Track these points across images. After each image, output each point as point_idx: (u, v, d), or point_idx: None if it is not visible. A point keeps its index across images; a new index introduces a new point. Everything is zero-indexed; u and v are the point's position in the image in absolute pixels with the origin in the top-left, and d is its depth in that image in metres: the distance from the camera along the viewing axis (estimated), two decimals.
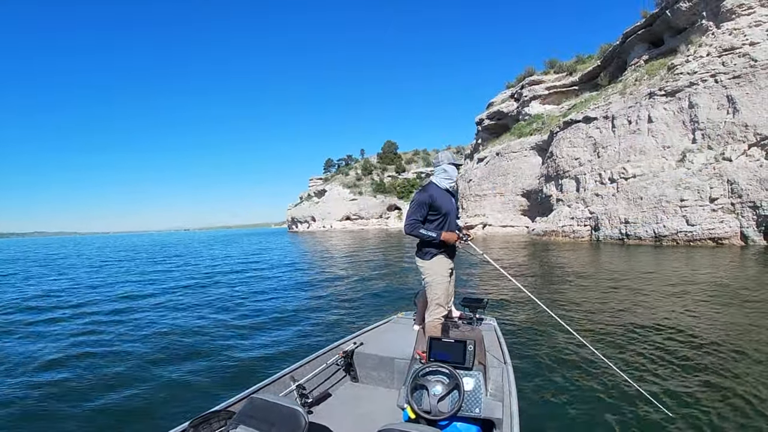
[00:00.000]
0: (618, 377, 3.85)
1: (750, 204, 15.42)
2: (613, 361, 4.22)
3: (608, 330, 5.53)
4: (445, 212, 3.11)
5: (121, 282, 13.56)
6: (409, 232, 3.08)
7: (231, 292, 10.53)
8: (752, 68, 16.91)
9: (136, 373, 4.77)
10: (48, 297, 10.77)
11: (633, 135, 20.67)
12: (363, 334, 3.83)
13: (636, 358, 4.49)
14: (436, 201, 3.07)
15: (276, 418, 1.78)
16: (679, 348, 4.71)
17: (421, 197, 3.08)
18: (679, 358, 4.38)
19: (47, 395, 4.26)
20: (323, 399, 3.08)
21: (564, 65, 34.19)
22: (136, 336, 6.46)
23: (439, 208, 3.07)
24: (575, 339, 3.80)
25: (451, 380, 2.23)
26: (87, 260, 25.52)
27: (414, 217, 3.06)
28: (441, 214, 3.10)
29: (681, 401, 3.44)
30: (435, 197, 3.08)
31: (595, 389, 3.76)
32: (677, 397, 3.52)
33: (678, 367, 4.16)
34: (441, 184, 3.19)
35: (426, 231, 3.04)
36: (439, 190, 3.16)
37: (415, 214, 3.06)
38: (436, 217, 3.09)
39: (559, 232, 22.69)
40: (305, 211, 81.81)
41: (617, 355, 4.52)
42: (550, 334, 5.42)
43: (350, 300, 8.81)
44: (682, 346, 4.76)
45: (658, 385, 3.78)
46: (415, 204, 3.09)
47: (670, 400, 3.44)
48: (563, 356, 4.62)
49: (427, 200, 3.06)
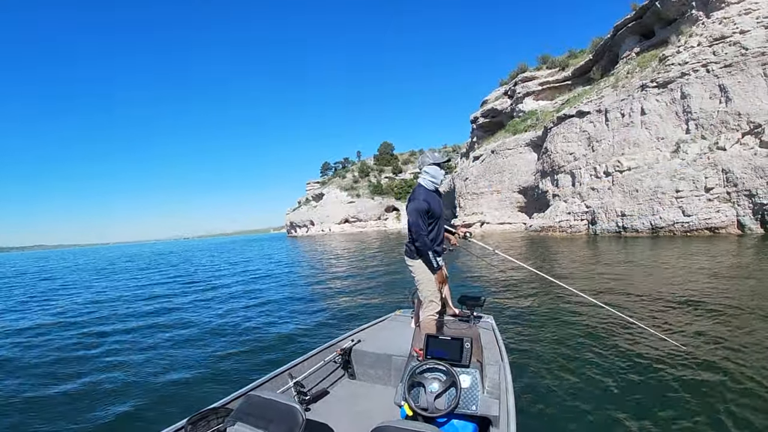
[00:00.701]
0: (616, 374, 3.86)
1: (746, 192, 15.32)
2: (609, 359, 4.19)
3: (606, 327, 5.44)
4: (437, 216, 3.14)
5: (121, 286, 13.49)
6: (427, 249, 3.03)
7: (229, 291, 10.59)
8: (743, 56, 16.85)
9: (134, 372, 4.82)
10: (50, 301, 10.66)
11: (626, 128, 20.60)
12: (361, 331, 3.84)
13: (631, 353, 4.39)
14: (430, 206, 3.07)
15: (273, 414, 1.78)
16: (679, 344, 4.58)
17: (420, 206, 3.03)
18: (680, 355, 4.29)
19: (47, 394, 4.29)
20: (321, 396, 3.07)
21: (556, 60, 34.10)
22: (135, 335, 6.53)
23: (433, 212, 3.08)
24: (574, 336, 3.75)
25: (448, 377, 2.23)
26: (94, 270, 25.44)
27: (424, 232, 3.02)
28: (434, 218, 3.11)
29: (680, 398, 3.37)
30: (429, 202, 3.07)
31: (592, 386, 3.71)
32: (677, 395, 3.44)
33: (678, 366, 4.06)
34: (428, 186, 3.17)
35: (434, 257, 3.04)
36: (430, 193, 3.15)
37: (424, 228, 3.02)
38: (431, 222, 3.11)
39: (556, 227, 22.59)
40: (304, 215, 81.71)
41: (616, 352, 4.46)
42: (547, 332, 5.38)
43: (348, 298, 8.80)
44: (684, 340, 4.65)
45: (657, 383, 3.70)
46: (416, 214, 3.01)
47: (669, 399, 3.37)
48: (560, 353, 4.57)
49: (426, 207, 3.04)
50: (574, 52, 33.70)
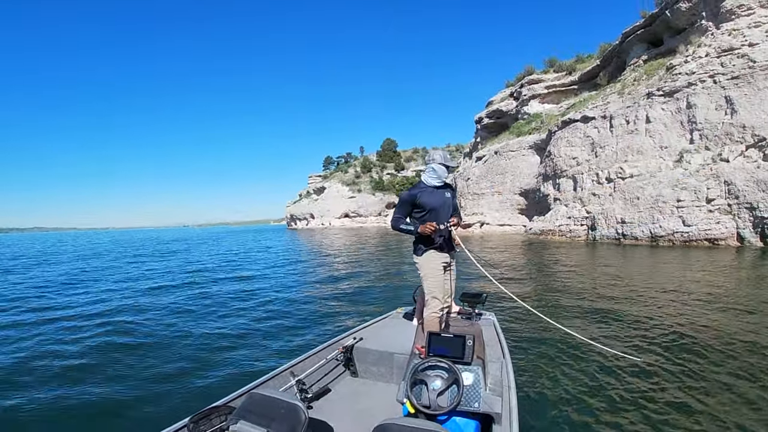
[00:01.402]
0: (616, 371, 3.90)
1: (747, 205, 15.37)
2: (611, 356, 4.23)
3: (604, 327, 5.53)
4: (430, 208, 3.21)
5: (121, 278, 13.49)
6: (393, 227, 3.28)
7: (230, 287, 10.46)
8: (751, 69, 16.82)
9: (135, 370, 4.75)
10: (43, 289, 10.72)
11: (631, 135, 20.59)
12: (363, 329, 3.85)
13: (633, 351, 4.48)
14: (418, 198, 3.20)
15: (276, 413, 1.79)
16: (678, 344, 4.70)
17: (404, 195, 3.27)
18: (679, 355, 4.37)
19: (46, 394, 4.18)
20: (323, 394, 3.08)
21: (564, 64, 34.02)
22: (135, 333, 6.39)
23: (423, 204, 3.19)
24: (573, 334, 3.80)
25: (450, 375, 2.24)
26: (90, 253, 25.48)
27: (397, 214, 3.27)
28: (426, 210, 3.20)
29: (679, 398, 3.43)
30: (418, 195, 3.21)
31: (594, 383, 3.76)
32: (676, 394, 3.51)
33: (677, 364, 4.13)
34: (429, 182, 3.28)
35: (405, 225, 3.21)
36: (427, 187, 3.25)
37: (398, 212, 3.28)
38: (422, 213, 3.23)
39: (556, 231, 22.65)
40: (304, 208, 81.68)
41: (614, 351, 4.51)
42: (548, 329, 5.39)
43: (350, 295, 8.77)
44: (682, 343, 4.74)
45: (656, 381, 3.76)
46: (399, 201, 3.31)
47: (668, 397, 3.43)
48: (562, 350, 4.62)
49: (409, 198, 3.23)
50: (581, 57, 33.61)
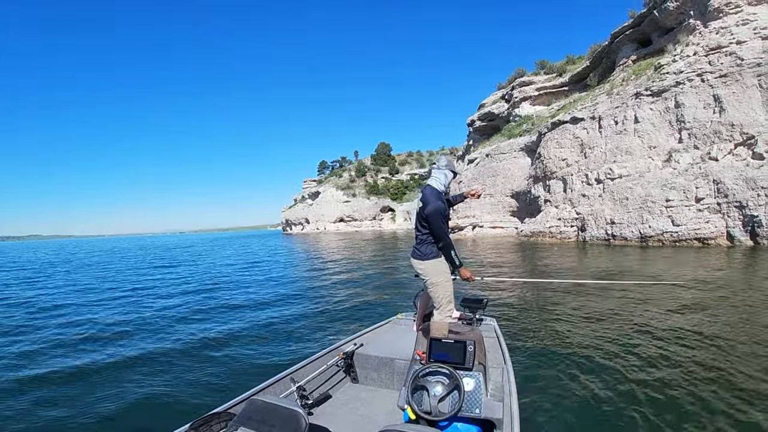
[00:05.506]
0: (616, 376, 3.89)
1: (736, 204, 15.12)
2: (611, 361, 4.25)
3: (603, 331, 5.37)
4: (448, 217, 3.14)
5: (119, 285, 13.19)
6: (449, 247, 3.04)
7: (229, 294, 10.33)
8: (739, 67, 16.67)
9: (136, 376, 4.72)
10: (42, 299, 10.42)
11: (619, 135, 20.40)
12: (363, 335, 3.82)
13: (632, 357, 4.41)
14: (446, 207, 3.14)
15: (276, 419, 1.79)
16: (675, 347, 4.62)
17: (440, 207, 3.03)
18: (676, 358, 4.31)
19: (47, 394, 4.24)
20: (323, 400, 3.08)
21: (554, 66, 33.97)
22: (135, 338, 6.37)
23: (447, 213, 3.15)
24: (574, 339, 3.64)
25: (451, 381, 2.22)
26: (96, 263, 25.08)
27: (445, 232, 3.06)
28: (447, 218, 3.15)
29: (679, 399, 3.38)
30: (444, 203, 3.12)
31: (595, 388, 3.70)
32: (675, 395, 3.46)
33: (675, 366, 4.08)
34: (438, 188, 3.15)
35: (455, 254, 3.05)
36: (440, 194, 3.15)
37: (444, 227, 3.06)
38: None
39: (547, 233, 22.38)
40: (299, 213, 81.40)
41: (615, 356, 4.46)
42: (549, 335, 5.32)
43: (349, 301, 8.63)
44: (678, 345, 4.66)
45: (655, 383, 3.70)
46: (437, 215, 3.02)
47: (672, 402, 3.34)
48: (563, 356, 4.54)
49: (444, 207, 3.09)
50: (572, 58, 33.58)
